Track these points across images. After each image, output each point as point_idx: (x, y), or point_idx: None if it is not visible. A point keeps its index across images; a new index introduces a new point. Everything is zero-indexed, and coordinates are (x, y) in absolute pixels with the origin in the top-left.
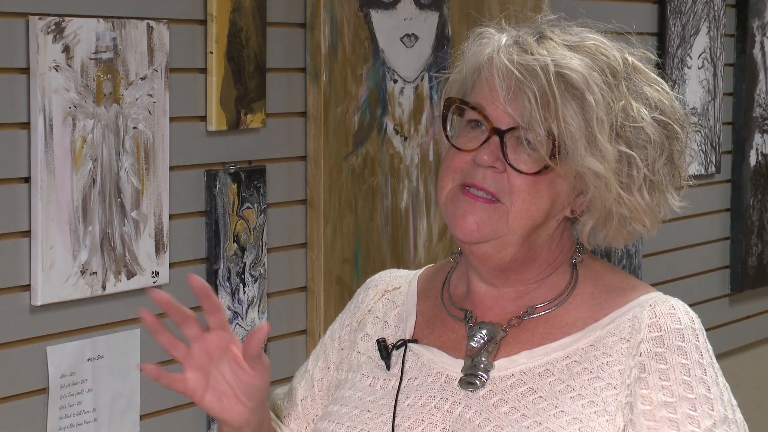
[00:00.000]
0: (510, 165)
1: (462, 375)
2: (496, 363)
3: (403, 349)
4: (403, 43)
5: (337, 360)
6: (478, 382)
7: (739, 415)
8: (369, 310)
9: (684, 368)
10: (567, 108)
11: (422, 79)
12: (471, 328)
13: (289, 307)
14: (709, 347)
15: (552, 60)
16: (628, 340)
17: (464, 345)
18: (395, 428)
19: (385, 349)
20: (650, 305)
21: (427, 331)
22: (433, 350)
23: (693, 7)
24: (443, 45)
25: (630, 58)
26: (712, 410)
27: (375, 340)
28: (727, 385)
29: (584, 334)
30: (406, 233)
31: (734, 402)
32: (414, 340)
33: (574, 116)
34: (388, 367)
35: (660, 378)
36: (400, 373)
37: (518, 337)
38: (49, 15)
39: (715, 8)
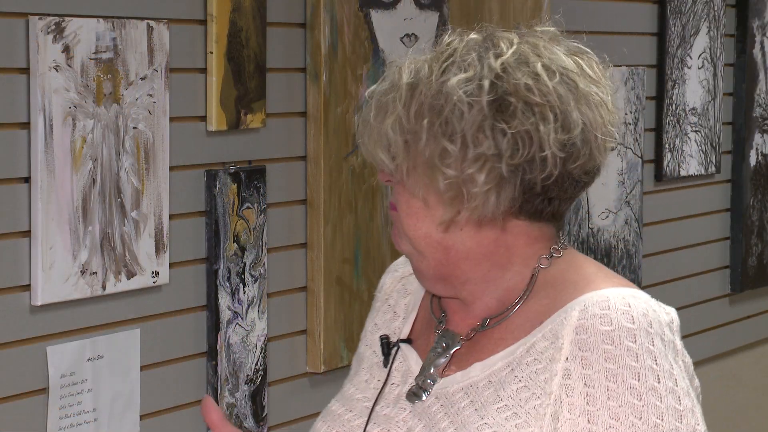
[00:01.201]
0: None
1: (411, 386)
2: (452, 376)
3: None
4: (403, 43)
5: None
6: (424, 395)
7: None
8: (386, 299)
9: (611, 374)
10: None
11: None
12: (437, 335)
13: (289, 307)
14: (673, 357)
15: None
16: (554, 344)
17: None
18: None
19: (386, 346)
20: (584, 304)
21: (421, 331)
22: (415, 355)
23: (693, 7)
24: None
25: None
26: (662, 421)
27: (379, 335)
28: (695, 407)
29: (527, 339)
30: None
31: (700, 427)
32: (408, 340)
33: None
34: (385, 365)
35: (585, 384)
36: (384, 377)
37: (473, 348)
38: (49, 15)
39: (715, 8)
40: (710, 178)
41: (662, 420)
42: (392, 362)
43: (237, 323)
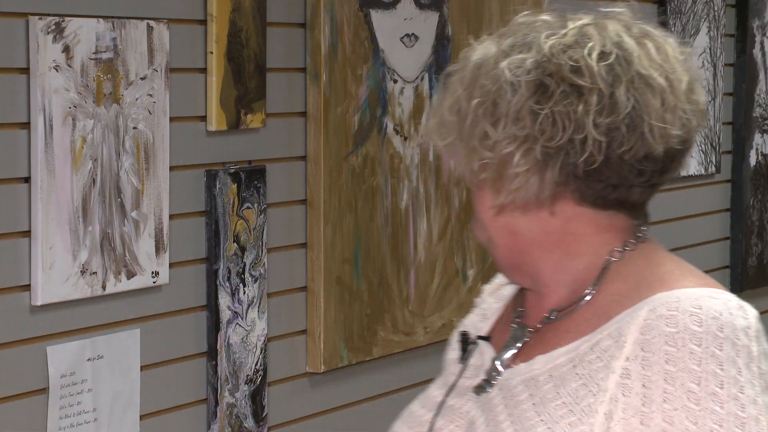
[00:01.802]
0: None
1: (480, 380)
2: (515, 368)
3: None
4: (403, 43)
5: None
6: (489, 388)
7: None
8: (481, 303)
9: (670, 376)
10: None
11: (422, 79)
12: (512, 329)
13: (289, 307)
14: (746, 363)
15: None
16: (617, 342)
17: None
18: (432, 428)
19: (464, 343)
20: (654, 304)
21: (501, 328)
22: (491, 351)
23: (693, 7)
24: (443, 45)
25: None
26: (720, 427)
27: (459, 334)
28: (761, 416)
29: (592, 336)
30: (406, 233)
31: None
32: (486, 338)
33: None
34: (461, 361)
35: (643, 386)
36: (459, 372)
37: (540, 340)
38: (49, 15)
39: (715, 8)
40: (710, 178)
41: (720, 427)
42: (468, 358)
43: (237, 323)
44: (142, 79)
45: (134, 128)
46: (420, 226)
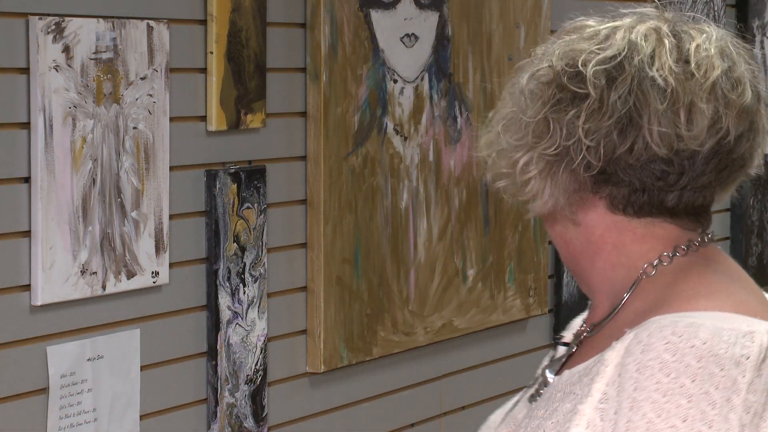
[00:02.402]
0: None
1: (534, 388)
2: (553, 381)
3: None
4: (403, 43)
5: None
6: (537, 397)
7: None
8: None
9: (636, 404)
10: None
11: (422, 79)
12: (572, 338)
13: (289, 307)
14: (724, 397)
15: None
16: (602, 365)
17: None
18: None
19: (554, 343)
20: (644, 327)
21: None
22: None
23: (693, 7)
24: (443, 45)
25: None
26: None
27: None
28: None
29: (600, 356)
30: (406, 233)
31: None
32: (566, 343)
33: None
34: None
35: (615, 412)
36: (537, 377)
37: (578, 354)
38: (49, 15)
39: (715, 8)
40: None
41: None
42: (548, 363)
43: (237, 323)
44: (142, 79)
45: (134, 128)
46: (420, 226)
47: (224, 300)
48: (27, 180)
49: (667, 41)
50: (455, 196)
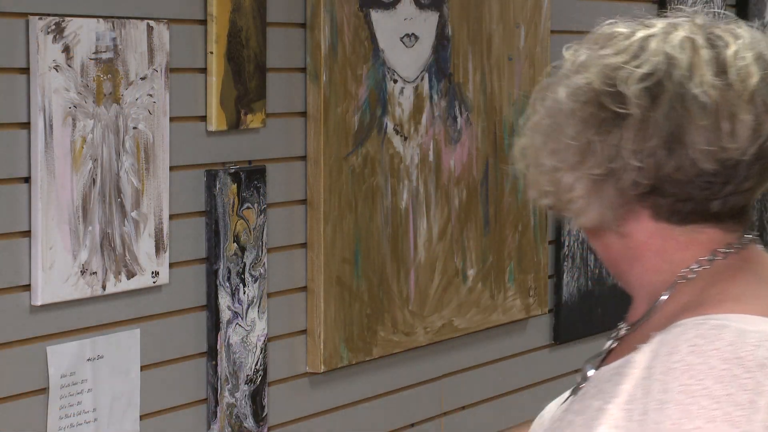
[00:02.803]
0: None
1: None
2: (591, 375)
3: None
4: (403, 43)
5: None
6: (578, 391)
7: None
8: None
9: (662, 405)
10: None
11: (422, 79)
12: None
13: (289, 307)
14: (748, 400)
15: None
16: (632, 366)
17: None
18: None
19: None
20: (672, 329)
21: None
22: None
23: (693, 7)
24: (443, 45)
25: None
26: None
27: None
28: None
29: (630, 357)
30: (406, 233)
31: None
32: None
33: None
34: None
35: (641, 413)
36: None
37: (616, 351)
38: (49, 15)
39: (715, 8)
40: None
41: None
42: (603, 358)
43: (237, 323)
44: (142, 79)
45: (134, 128)
46: (420, 226)
47: (224, 300)
48: (27, 180)
49: (703, 52)
50: (455, 196)
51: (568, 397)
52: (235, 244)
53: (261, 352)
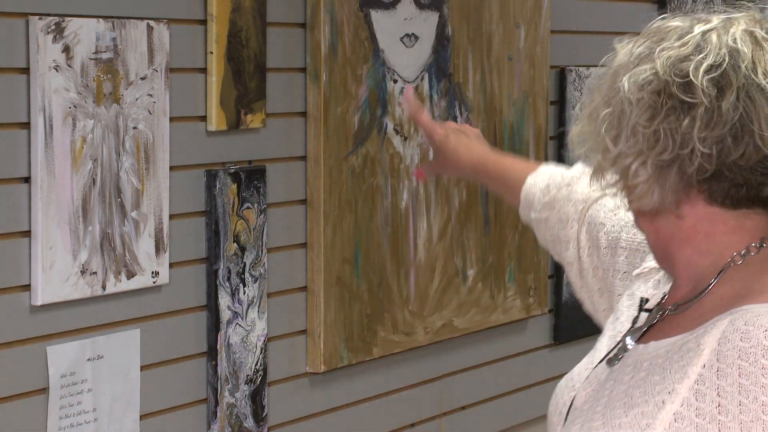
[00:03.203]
0: None
1: (613, 352)
2: (638, 347)
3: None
4: (403, 43)
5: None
6: (616, 362)
7: None
8: (630, 286)
9: (743, 389)
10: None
11: (422, 79)
12: (654, 308)
13: (289, 307)
14: None
15: None
16: (697, 348)
17: None
18: (577, 389)
19: (639, 309)
20: (736, 315)
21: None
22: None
23: (693, 8)
24: (443, 45)
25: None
26: None
27: (640, 298)
28: None
29: (687, 335)
30: (406, 233)
31: None
32: (648, 310)
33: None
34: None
35: (718, 394)
36: (617, 337)
37: (662, 326)
38: (49, 15)
39: (715, 8)
40: None
41: None
42: (631, 326)
43: (237, 323)
44: (142, 79)
45: (134, 128)
46: (420, 226)
47: (224, 300)
48: (27, 180)
49: (765, 44)
50: (455, 196)
51: (601, 362)
52: (235, 244)
53: (261, 352)
